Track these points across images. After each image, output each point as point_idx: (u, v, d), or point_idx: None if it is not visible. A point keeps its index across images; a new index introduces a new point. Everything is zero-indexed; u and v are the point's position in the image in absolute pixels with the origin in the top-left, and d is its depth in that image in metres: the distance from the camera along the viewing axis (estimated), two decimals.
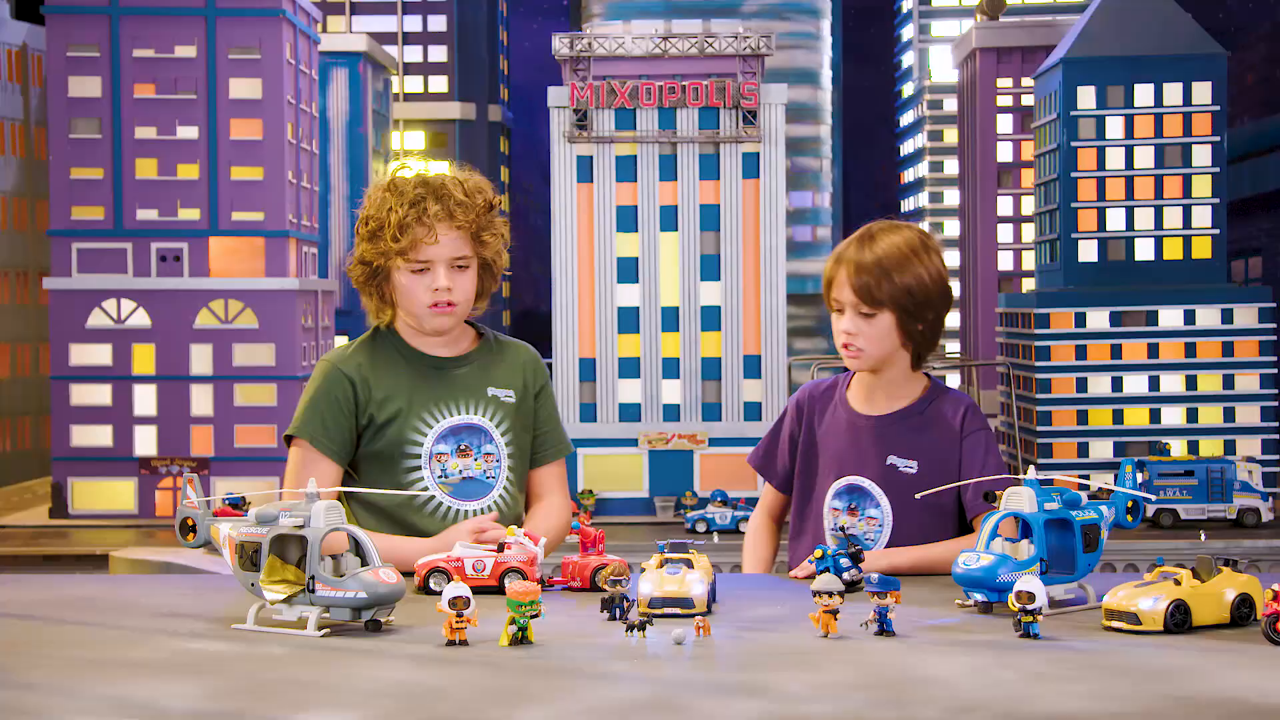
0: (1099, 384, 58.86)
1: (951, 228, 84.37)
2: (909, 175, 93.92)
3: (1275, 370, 58.72)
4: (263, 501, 3.80)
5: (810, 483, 4.73)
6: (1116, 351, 58.83)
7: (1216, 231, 61.06)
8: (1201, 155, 61.23)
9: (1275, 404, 58.41)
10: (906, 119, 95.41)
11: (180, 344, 56.47)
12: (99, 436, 56.49)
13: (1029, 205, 72.68)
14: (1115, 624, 3.55)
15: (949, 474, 4.56)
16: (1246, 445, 57.52)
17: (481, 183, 4.66)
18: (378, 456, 4.58)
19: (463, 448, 4.61)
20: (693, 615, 3.65)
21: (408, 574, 4.03)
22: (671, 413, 58.52)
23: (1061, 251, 61.98)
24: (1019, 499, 3.80)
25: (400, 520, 4.57)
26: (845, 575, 4.04)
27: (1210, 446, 57.49)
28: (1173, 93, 61.15)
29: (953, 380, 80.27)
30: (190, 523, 3.92)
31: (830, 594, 3.46)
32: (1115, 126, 61.56)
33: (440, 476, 4.58)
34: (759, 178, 59.04)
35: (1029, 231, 72.90)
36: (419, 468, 4.57)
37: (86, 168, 57.24)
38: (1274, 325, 58.78)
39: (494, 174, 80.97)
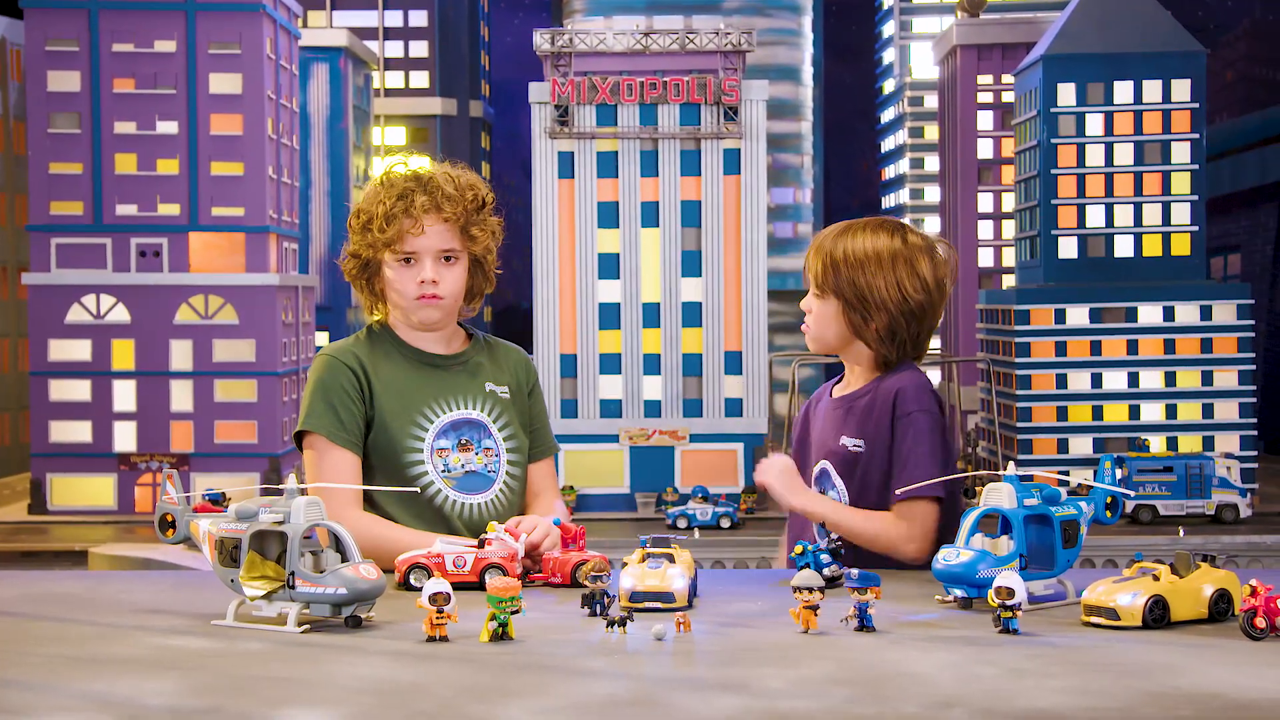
0: (1079, 380, 58.97)
1: (932, 224, 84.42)
2: (890, 171, 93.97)
3: (1253, 367, 58.92)
4: (242, 497, 3.79)
5: (806, 472, 4.79)
6: (1096, 348, 58.94)
7: (1195, 228, 61.19)
8: (1180, 152, 61.35)
9: (1254, 401, 58.61)
10: (887, 115, 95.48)
11: (160, 340, 56.29)
12: (78, 432, 56.30)
13: (1009, 202, 72.74)
14: (1094, 619, 3.56)
15: (888, 453, 4.58)
16: (1225, 441, 57.66)
17: (474, 180, 4.74)
18: (380, 453, 4.59)
19: (463, 442, 4.64)
20: (674, 609, 3.65)
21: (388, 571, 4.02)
22: (653, 409, 58.49)
23: (1041, 248, 62.07)
24: (999, 495, 3.81)
25: (407, 516, 4.56)
26: (825, 571, 4.05)
27: (1189, 443, 57.63)
28: (1152, 90, 61.26)
29: (933, 376, 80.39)
30: (170, 519, 3.91)
31: (810, 589, 3.47)
32: (1095, 123, 61.66)
33: (443, 471, 4.61)
34: (740, 174, 59.03)
35: (1009, 228, 72.97)
36: (421, 463, 4.59)
37: (66, 163, 57.01)
38: (1252, 322, 58.96)
39: (475, 170, 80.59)
